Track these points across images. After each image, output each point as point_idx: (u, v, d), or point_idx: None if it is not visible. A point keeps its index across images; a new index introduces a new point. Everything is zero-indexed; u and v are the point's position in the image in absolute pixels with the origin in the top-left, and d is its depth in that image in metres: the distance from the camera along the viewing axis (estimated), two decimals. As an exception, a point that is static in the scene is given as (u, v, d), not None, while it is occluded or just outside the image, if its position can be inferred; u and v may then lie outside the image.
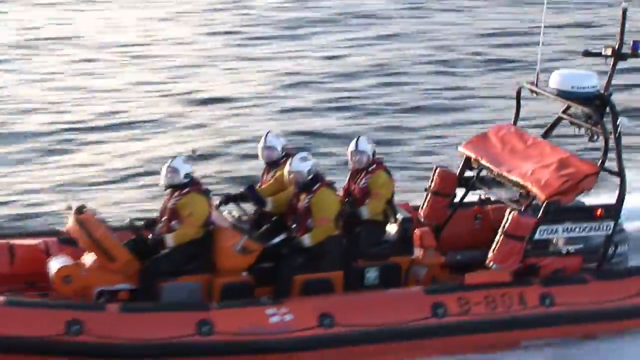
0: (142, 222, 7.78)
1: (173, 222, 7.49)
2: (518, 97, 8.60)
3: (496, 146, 8.29)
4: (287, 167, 7.65)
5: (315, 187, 7.53)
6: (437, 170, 8.59)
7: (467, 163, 8.48)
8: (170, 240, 7.42)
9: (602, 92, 7.94)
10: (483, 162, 8.19)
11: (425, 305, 7.22)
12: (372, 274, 7.76)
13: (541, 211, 7.54)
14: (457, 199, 8.68)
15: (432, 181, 8.59)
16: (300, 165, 7.56)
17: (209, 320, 6.86)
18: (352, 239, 7.71)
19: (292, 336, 6.99)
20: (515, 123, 8.61)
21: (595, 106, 7.80)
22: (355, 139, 7.96)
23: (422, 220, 8.50)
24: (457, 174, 8.56)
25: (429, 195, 8.57)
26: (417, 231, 7.91)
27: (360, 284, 7.72)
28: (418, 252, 7.86)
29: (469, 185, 8.61)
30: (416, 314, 7.18)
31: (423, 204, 8.63)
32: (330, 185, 7.68)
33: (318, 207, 7.48)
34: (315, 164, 7.70)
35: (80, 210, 7.55)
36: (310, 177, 7.54)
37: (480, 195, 8.85)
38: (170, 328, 6.82)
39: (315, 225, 7.48)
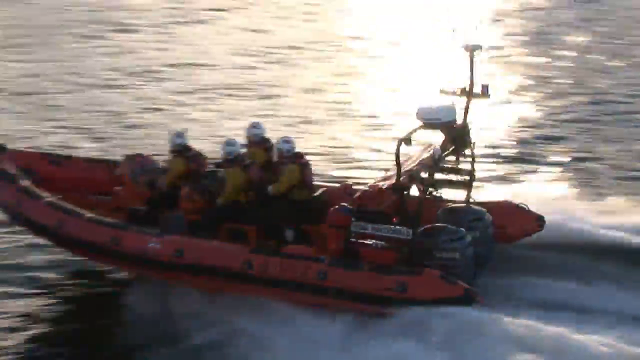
0: None
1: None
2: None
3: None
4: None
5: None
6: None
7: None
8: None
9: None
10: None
11: (242, 258, 9.49)
12: (289, 233, 10.02)
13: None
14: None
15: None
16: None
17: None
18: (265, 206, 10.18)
19: (150, 257, 9.80)
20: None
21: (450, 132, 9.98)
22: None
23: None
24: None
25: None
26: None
27: (281, 239, 9.99)
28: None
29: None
30: (234, 263, 9.51)
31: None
32: (243, 166, 10.32)
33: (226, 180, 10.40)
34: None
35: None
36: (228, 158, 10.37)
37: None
38: None
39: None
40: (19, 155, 11.94)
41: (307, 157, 10.64)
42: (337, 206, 9.56)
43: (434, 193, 9.88)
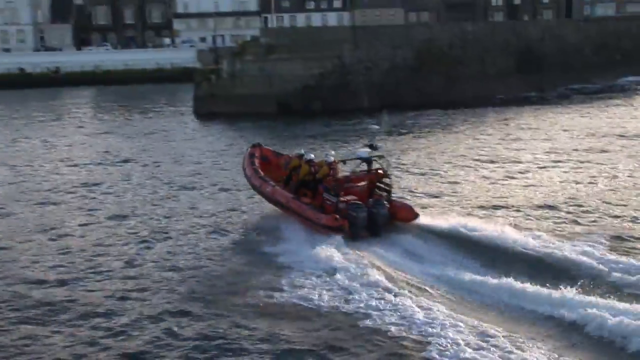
0: None
1: None
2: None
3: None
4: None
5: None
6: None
7: None
8: None
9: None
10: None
11: (288, 201, 19.61)
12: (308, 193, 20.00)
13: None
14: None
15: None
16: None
17: None
18: None
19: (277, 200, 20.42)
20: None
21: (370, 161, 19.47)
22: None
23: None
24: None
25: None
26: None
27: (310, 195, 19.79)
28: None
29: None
30: (285, 201, 19.66)
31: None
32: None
33: None
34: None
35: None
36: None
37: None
38: None
39: None
40: (264, 149, 22.89)
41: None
42: (322, 185, 19.09)
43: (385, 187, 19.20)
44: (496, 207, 21.52)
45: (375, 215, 17.62)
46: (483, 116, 44.85)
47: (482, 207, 21.50)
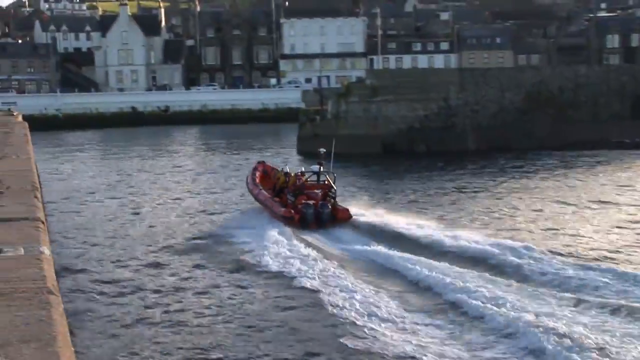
0: None
1: None
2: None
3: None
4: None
5: None
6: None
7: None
8: None
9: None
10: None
11: (268, 201, 26.74)
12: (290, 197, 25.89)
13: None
14: None
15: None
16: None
17: None
18: None
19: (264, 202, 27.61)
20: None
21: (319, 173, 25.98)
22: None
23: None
24: None
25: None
26: None
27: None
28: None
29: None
30: (267, 202, 26.83)
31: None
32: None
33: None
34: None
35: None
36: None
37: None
38: None
39: None
40: (266, 166, 30.96)
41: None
42: (286, 189, 25.90)
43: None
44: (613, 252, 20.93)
45: (320, 213, 24.29)
46: (596, 159, 43.79)
47: (594, 250, 20.95)
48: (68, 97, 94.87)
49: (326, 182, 25.64)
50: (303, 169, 27.21)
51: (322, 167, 25.79)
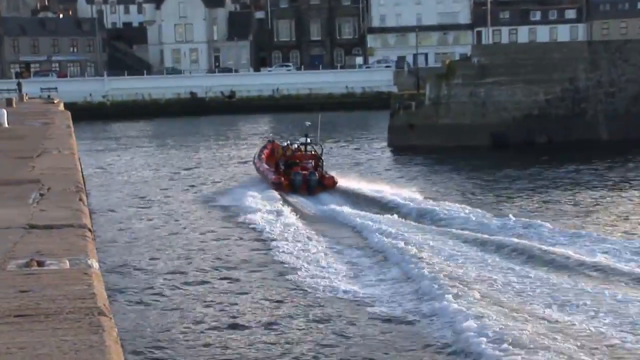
0: None
1: None
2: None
3: None
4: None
5: None
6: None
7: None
8: None
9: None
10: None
11: (267, 172, 36.63)
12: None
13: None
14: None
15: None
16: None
17: None
18: None
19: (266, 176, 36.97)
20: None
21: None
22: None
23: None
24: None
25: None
26: None
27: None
28: None
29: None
30: (268, 174, 36.64)
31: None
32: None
33: None
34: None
35: None
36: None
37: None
38: None
39: None
40: (275, 144, 39.81)
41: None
42: (280, 160, 35.60)
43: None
44: None
45: (308, 180, 32.61)
46: None
47: None
48: (116, 81, 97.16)
49: (313, 152, 35.37)
50: (290, 142, 37.98)
51: (308, 139, 35.59)
